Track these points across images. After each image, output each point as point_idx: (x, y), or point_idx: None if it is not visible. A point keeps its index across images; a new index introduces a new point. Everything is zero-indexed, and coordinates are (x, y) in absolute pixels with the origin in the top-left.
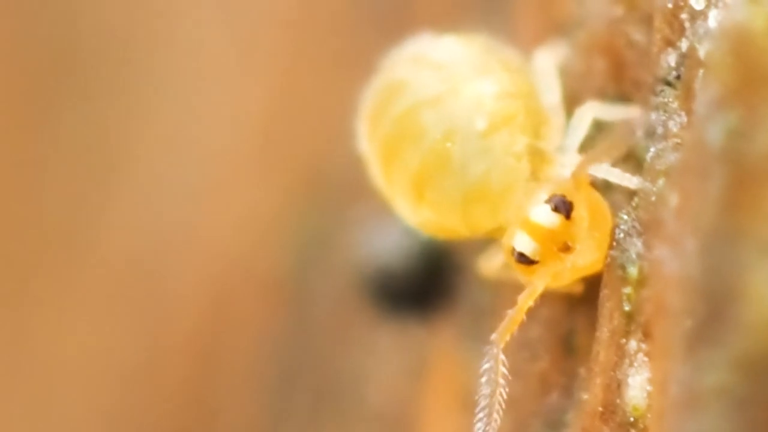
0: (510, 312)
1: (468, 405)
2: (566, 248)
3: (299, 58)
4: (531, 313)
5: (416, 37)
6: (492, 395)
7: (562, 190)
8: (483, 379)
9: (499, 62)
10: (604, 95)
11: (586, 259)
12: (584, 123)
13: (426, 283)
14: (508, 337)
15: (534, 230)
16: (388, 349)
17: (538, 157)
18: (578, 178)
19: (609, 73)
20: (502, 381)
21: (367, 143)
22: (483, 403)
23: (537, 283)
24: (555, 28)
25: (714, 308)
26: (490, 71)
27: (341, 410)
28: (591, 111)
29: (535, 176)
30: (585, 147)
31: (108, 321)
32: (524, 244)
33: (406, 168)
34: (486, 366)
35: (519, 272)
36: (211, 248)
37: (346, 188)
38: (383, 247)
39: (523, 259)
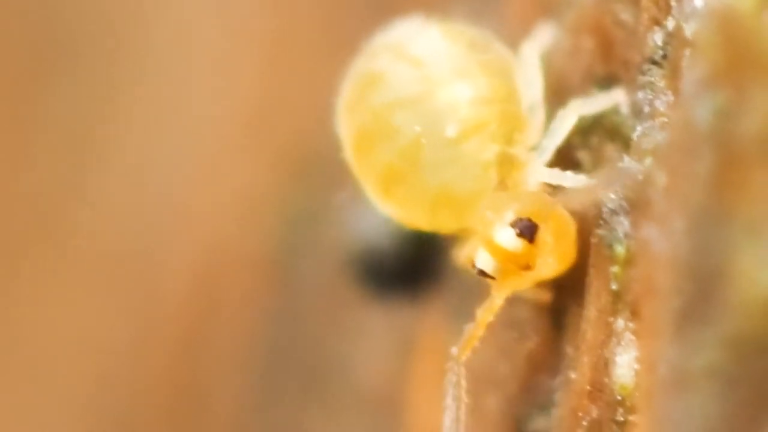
0: (469, 326)
1: None
2: (527, 267)
3: (287, 36)
4: (518, 293)
5: (404, 19)
6: (458, 409)
7: (528, 211)
8: (448, 395)
9: (479, 64)
10: (591, 74)
11: (547, 272)
12: (566, 126)
13: (414, 263)
14: (468, 352)
15: (496, 251)
16: (376, 330)
17: (507, 164)
18: (546, 209)
19: (597, 53)
20: (464, 396)
21: (342, 129)
22: (449, 418)
23: (496, 297)
24: (543, 6)
25: (702, 288)
26: (469, 74)
27: (329, 390)
28: (574, 112)
29: (503, 184)
30: (562, 151)
31: (94, 302)
32: (485, 262)
33: (375, 163)
34: (450, 380)
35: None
36: (198, 229)
37: (333, 168)
38: (371, 227)
39: (483, 274)
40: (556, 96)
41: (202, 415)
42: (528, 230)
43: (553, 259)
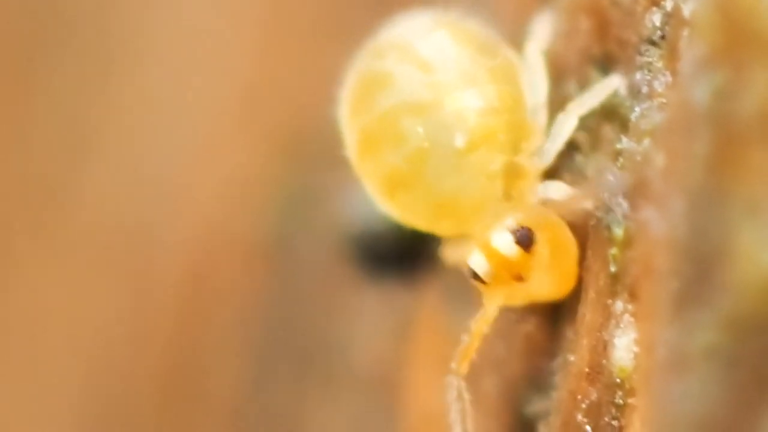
0: (464, 338)
1: None
2: (519, 278)
3: (282, 18)
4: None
5: (410, 15)
6: (464, 422)
7: (530, 221)
8: (452, 411)
9: (488, 70)
10: (589, 55)
11: (541, 291)
12: (566, 129)
13: (411, 245)
14: (466, 365)
15: (491, 254)
16: (372, 312)
17: (513, 173)
18: (549, 226)
19: (594, 33)
20: (468, 408)
21: (346, 126)
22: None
23: (489, 308)
24: None
25: (701, 269)
26: (478, 82)
27: (326, 373)
28: (574, 115)
29: (507, 195)
30: (563, 154)
31: (90, 284)
32: (478, 264)
33: (380, 167)
34: (451, 396)
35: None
36: (194, 210)
37: (329, 150)
38: (367, 209)
39: (475, 277)
40: (554, 77)
41: (199, 395)
42: (526, 239)
43: (548, 278)
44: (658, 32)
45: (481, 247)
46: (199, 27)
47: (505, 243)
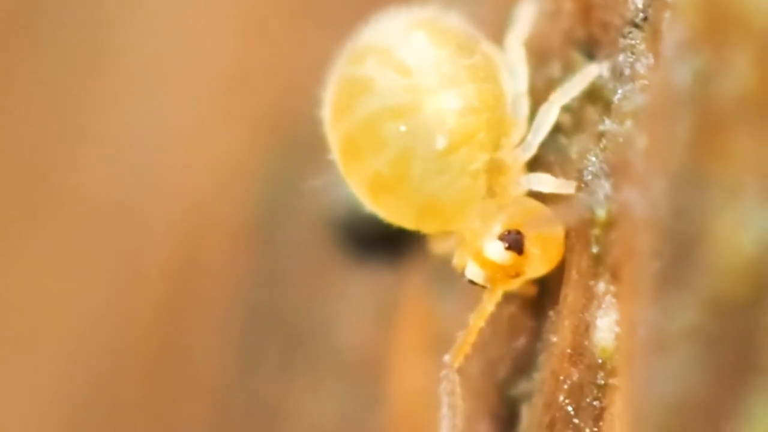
0: (461, 333)
1: (438, 349)
2: (516, 276)
3: (268, 4)
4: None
5: (388, 15)
6: (454, 417)
7: (516, 221)
8: (444, 402)
9: (467, 69)
10: (572, 37)
11: (536, 274)
12: (549, 120)
13: (395, 228)
14: (461, 359)
15: (485, 263)
16: (358, 294)
17: (495, 171)
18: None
19: (577, 15)
20: (460, 403)
21: (328, 131)
22: (446, 427)
23: (487, 303)
24: None
25: (681, 250)
26: (457, 82)
27: (311, 355)
28: (556, 104)
29: (491, 192)
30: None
31: (76, 265)
32: (474, 273)
33: (364, 170)
34: (445, 388)
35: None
36: (181, 193)
37: (314, 134)
38: (352, 192)
39: (473, 284)
40: (538, 60)
41: (183, 376)
42: (516, 243)
43: (541, 264)
44: (641, 14)
45: (474, 257)
46: (184, 12)
47: (496, 252)
